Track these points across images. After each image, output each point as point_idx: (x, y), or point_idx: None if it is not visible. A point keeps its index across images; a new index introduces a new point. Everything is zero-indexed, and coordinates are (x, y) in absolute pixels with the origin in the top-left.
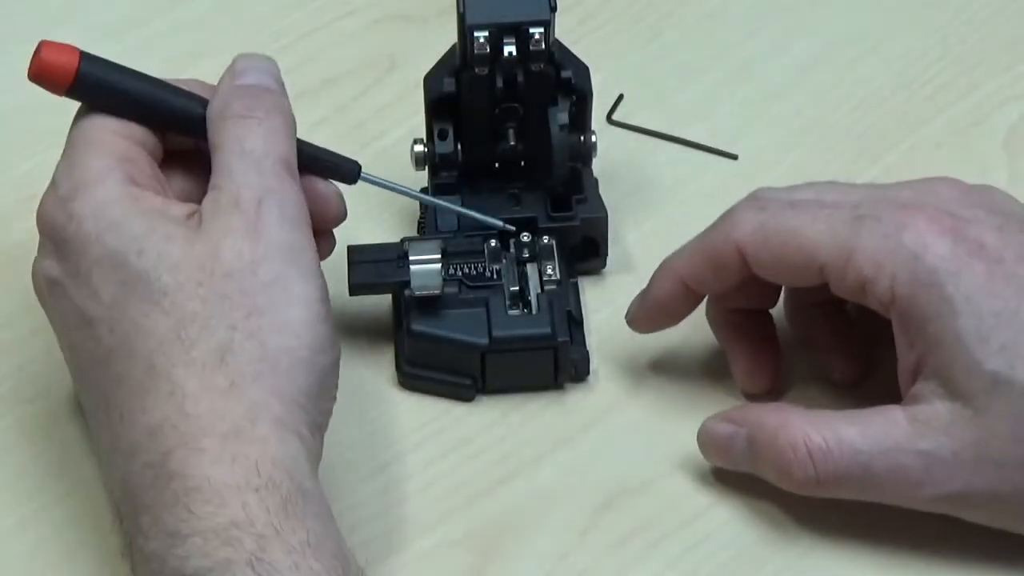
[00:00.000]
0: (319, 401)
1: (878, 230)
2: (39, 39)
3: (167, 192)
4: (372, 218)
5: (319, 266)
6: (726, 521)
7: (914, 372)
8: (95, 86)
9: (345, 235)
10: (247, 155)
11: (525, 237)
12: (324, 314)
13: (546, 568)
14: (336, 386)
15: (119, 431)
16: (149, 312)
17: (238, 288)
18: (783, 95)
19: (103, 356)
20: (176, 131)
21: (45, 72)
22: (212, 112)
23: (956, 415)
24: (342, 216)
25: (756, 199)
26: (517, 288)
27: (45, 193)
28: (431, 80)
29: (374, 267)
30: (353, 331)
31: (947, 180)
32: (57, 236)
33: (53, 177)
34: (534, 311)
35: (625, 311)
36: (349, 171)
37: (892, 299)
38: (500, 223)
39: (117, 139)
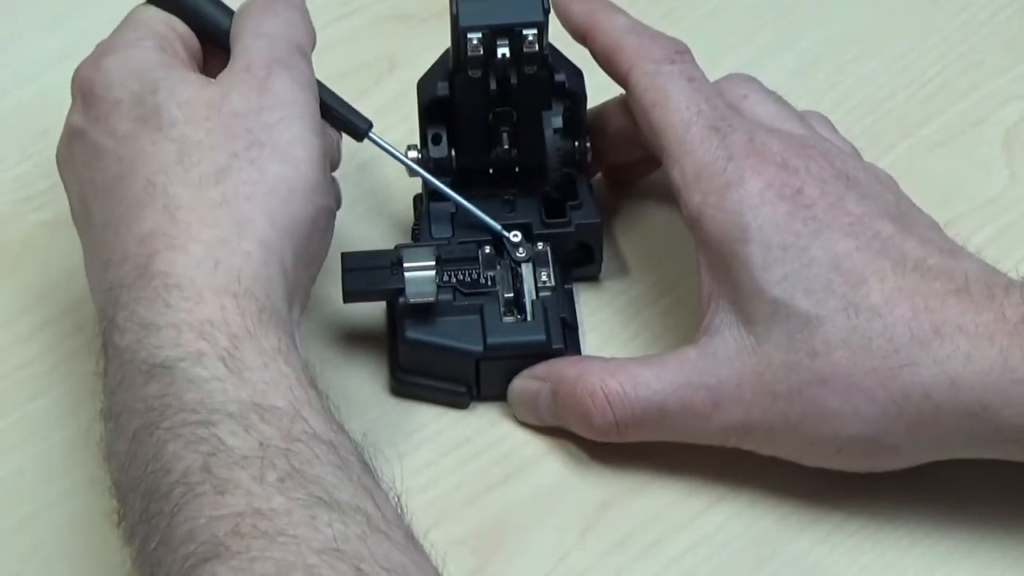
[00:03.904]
0: (309, 239)
1: (714, 147)
2: (38, 40)
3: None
4: (365, 224)
5: (322, 128)
6: (725, 521)
7: (710, 298)
8: None
9: (338, 241)
10: (262, 36)
11: (515, 236)
12: (324, 164)
13: (546, 568)
14: (329, 240)
15: (113, 245)
16: (156, 139)
17: (243, 125)
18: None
19: (109, 182)
20: (209, 37)
21: None
22: (236, 13)
23: (741, 344)
24: (336, 164)
25: (694, 79)
26: (512, 295)
27: (84, 59)
28: (424, 84)
29: (368, 274)
30: (346, 338)
31: (813, 138)
32: (85, 87)
33: (95, 48)
34: (529, 318)
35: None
36: (359, 127)
37: (699, 216)
38: (497, 226)
39: (157, 22)
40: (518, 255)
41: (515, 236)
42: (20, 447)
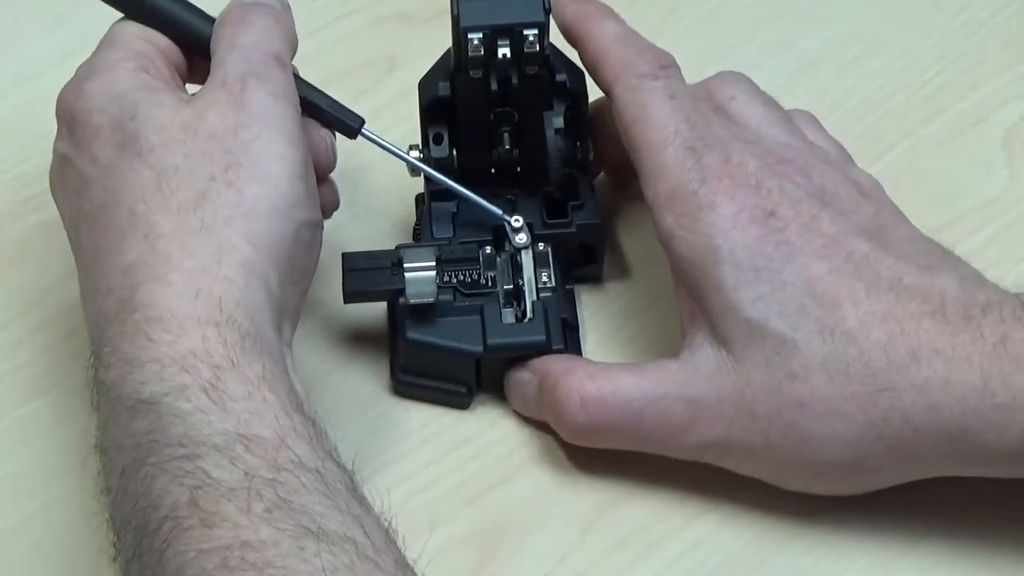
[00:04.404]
0: (293, 256)
1: (688, 168)
2: (38, 40)
3: (180, 89)
4: (365, 224)
5: (303, 138)
6: (724, 522)
7: (690, 316)
8: None
9: (339, 241)
10: (237, 48)
11: (516, 221)
12: (304, 175)
13: (546, 568)
14: (317, 253)
15: (99, 276)
16: (137, 167)
17: (220, 147)
18: (783, 95)
19: (95, 212)
20: (191, 47)
21: None
22: (215, 24)
23: (721, 361)
24: (330, 166)
25: (672, 91)
26: (511, 287)
27: (65, 84)
28: (425, 84)
29: (368, 275)
30: (347, 339)
31: (795, 147)
32: (68, 114)
33: (76, 70)
34: (529, 317)
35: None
36: (351, 125)
37: (670, 237)
38: (498, 210)
39: (137, 40)
40: (518, 241)
41: (516, 221)
42: (19, 448)
